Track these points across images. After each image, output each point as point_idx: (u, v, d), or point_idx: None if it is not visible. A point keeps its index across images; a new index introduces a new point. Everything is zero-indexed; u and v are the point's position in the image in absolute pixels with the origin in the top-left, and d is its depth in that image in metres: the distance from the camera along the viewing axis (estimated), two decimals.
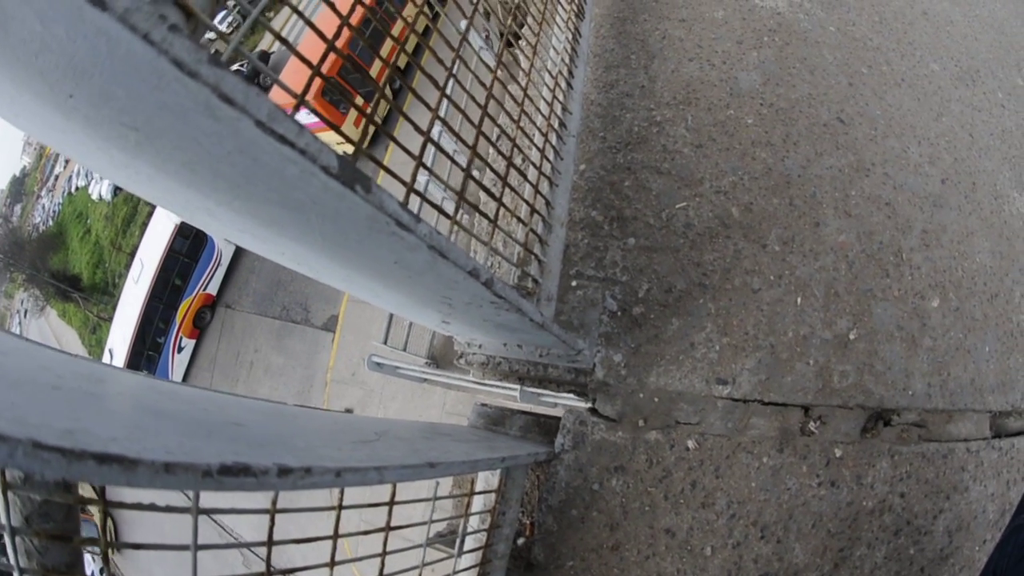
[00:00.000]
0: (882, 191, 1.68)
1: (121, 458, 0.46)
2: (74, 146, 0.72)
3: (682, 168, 1.69)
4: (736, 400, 1.44)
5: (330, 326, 10.12)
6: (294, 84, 0.60)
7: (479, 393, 1.70)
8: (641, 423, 1.46)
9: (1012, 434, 1.57)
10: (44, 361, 0.69)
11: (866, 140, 1.76)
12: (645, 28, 2.04)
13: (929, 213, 1.68)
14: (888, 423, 1.44)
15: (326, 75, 0.72)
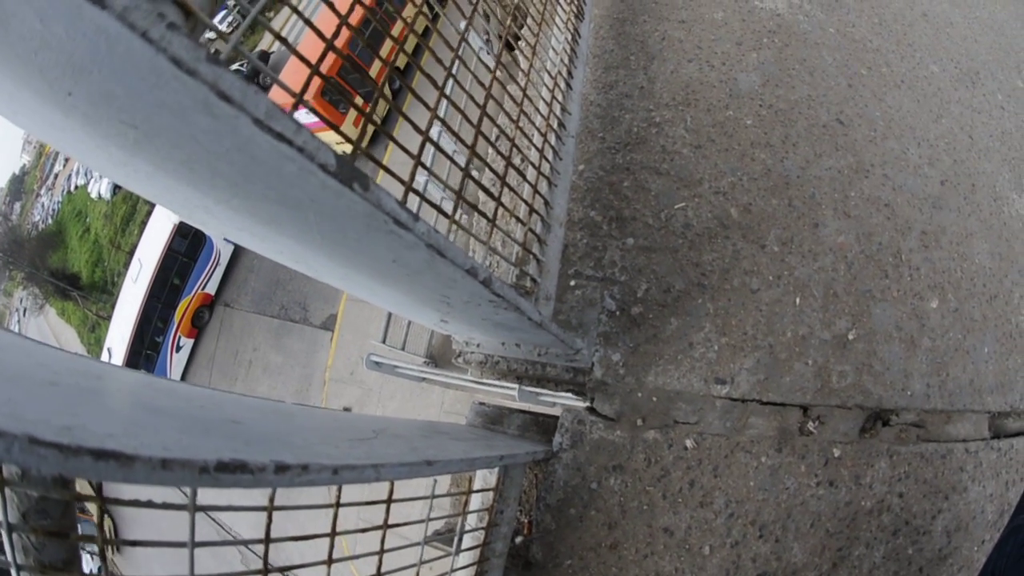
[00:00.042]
0: (881, 192, 1.68)
1: (118, 454, 0.45)
2: (73, 144, 0.72)
3: (681, 169, 1.69)
4: (734, 400, 1.44)
5: (329, 325, 10.11)
6: (293, 84, 0.60)
7: (477, 392, 1.70)
8: (639, 422, 1.46)
9: (1011, 435, 1.57)
10: (41, 358, 0.69)
11: (865, 141, 1.77)
12: (644, 29, 2.04)
13: (928, 214, 1.69)
14: (887, 423, 1.44)
15: (325, 74, 0.72)
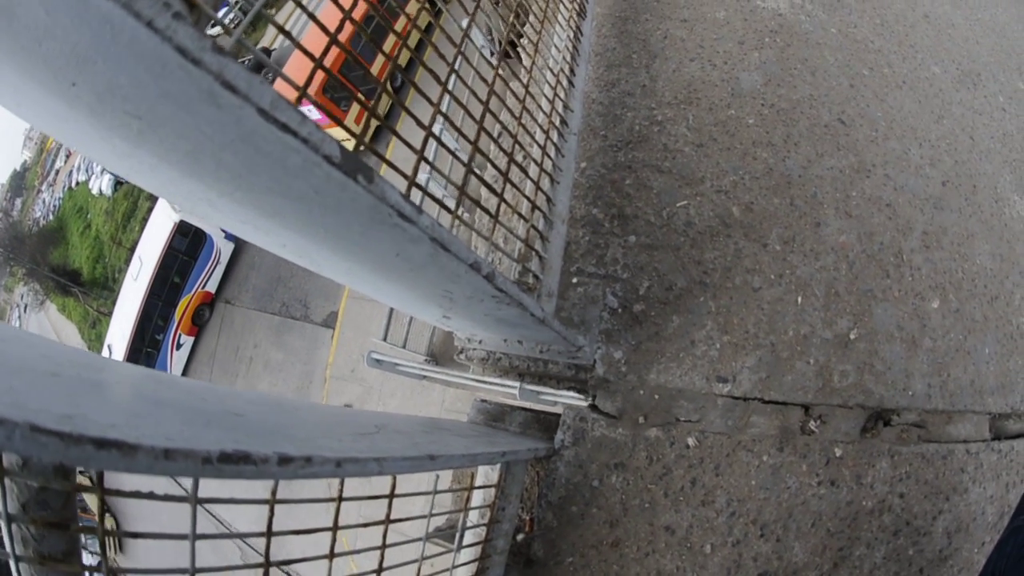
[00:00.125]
0: (883, 192, 1.68)
1: (120, 443, 0.45)
2: (77, 135, 0.72)
3: (683, 167, 1.69)
4: (736, 398, 1.44)
5: (330, 322, 10.10)
6: (295, 81, 0.60)
7: (478, 391, 1.70)
8: (641, 420, 1.46)
9: (1011, 436, 1.57)
10: (43, 350, 0.68)
11: (867, 141, 1.76)
12: (647, 28, 2.04)
13: (930, 215, 1.69)
14: (888, 423, 1.44)
15: (328, 68, 0.72)
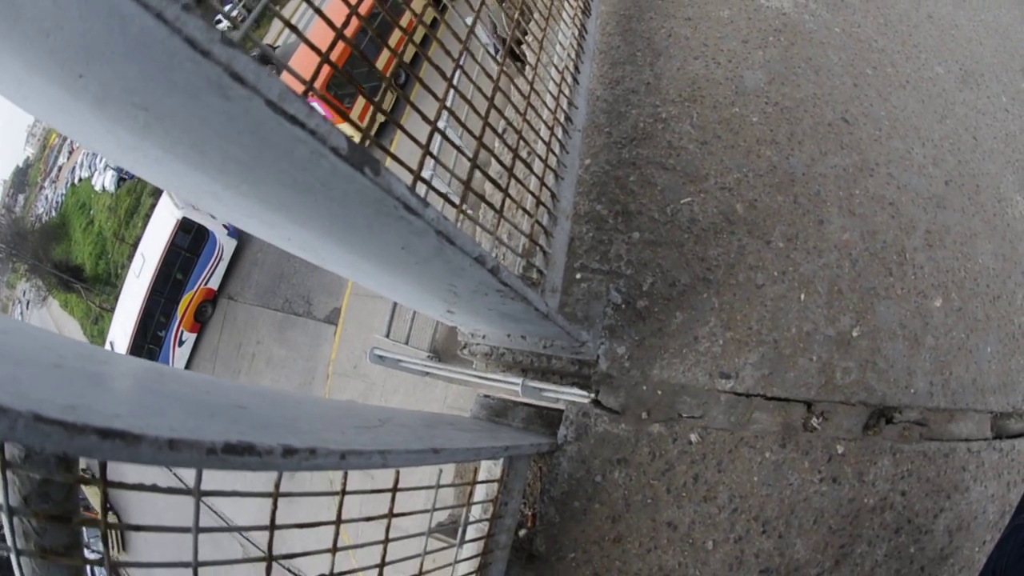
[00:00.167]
0: (886, 191, 1.67)
1: (125, 433, 0.44)
2: (82, 128, 0.72)
3: (687, 164, 1.69)
4: (739, 394, 1.44)
5: (332, 319, 10.08)
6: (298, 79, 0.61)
7: (481, 388, 1.70)
8: (644, 416, 1.46)
9: (1013, 436, 1.57)
10: (46, 342, 0.68)
11: (870, 140, 1.76)
12: (651, 26, 2.03)
13: (933, 214, 1.68)
14: (890, 421, 1.43)
15: (334, 63, 0.72)
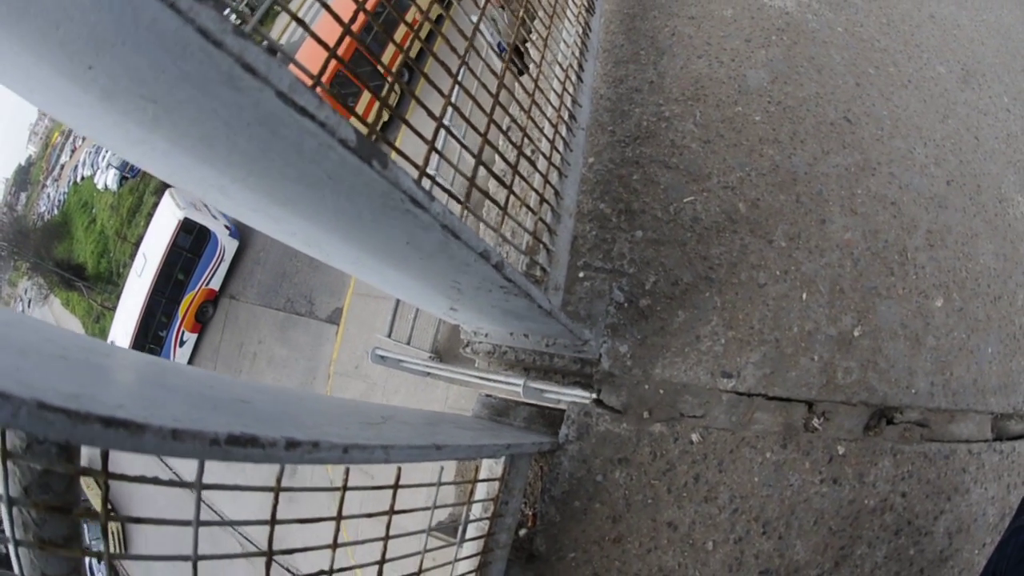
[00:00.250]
0: (888, 190, 1.68)
1: (128, 423, 0.44)
2: (89, 121, 0.72)
3: (690, 163, 1.70)
4: (741, 394, 1.44)
5: (334, 318, 10.06)
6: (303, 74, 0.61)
7: (482, 388, 1.70)
8: (646, 415, 1.46)
9: (1013, 437, 1.56)
10: (49, 335, 0.68)
11: (872, 140, 1.76)
12: (655, 25, 2.04)
13: (934, 214, 1.68)
14: (891, 421, 1.43)
15: (340, 58, 0.73)
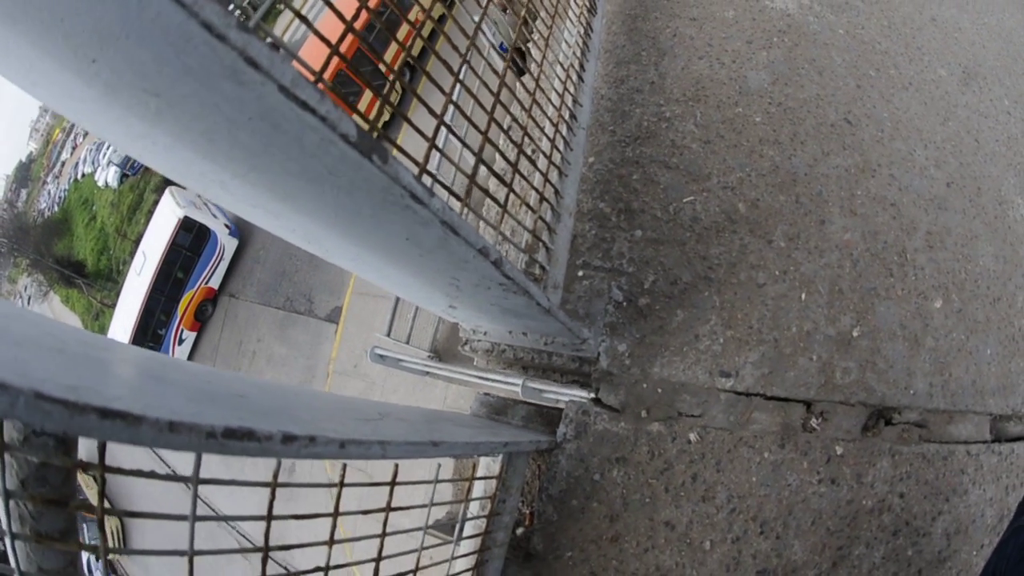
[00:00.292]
0: (888, 192, 1.68)
1: (125, 414, 0.44)
2: (92, 115, 0.73)
3: (690, 163, 1.70)
4: (739, 393, 1.44)
5: (333, 317, 10.07)
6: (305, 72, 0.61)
7: (481, 388, 1.70)
8: (644, 414, 1.46)
9: (1012, 439, 1.57)
10: (47, 328, 0.68)
11: (873, 141, 1.77)
12: (656, 25, 2.04)
13: (934, 215, 1.69)
14: (889, 422, 1.44)
15: (343, 55, 0.73)
